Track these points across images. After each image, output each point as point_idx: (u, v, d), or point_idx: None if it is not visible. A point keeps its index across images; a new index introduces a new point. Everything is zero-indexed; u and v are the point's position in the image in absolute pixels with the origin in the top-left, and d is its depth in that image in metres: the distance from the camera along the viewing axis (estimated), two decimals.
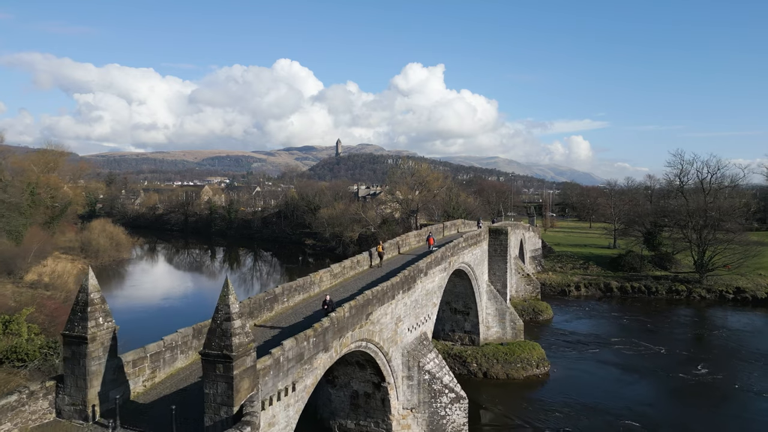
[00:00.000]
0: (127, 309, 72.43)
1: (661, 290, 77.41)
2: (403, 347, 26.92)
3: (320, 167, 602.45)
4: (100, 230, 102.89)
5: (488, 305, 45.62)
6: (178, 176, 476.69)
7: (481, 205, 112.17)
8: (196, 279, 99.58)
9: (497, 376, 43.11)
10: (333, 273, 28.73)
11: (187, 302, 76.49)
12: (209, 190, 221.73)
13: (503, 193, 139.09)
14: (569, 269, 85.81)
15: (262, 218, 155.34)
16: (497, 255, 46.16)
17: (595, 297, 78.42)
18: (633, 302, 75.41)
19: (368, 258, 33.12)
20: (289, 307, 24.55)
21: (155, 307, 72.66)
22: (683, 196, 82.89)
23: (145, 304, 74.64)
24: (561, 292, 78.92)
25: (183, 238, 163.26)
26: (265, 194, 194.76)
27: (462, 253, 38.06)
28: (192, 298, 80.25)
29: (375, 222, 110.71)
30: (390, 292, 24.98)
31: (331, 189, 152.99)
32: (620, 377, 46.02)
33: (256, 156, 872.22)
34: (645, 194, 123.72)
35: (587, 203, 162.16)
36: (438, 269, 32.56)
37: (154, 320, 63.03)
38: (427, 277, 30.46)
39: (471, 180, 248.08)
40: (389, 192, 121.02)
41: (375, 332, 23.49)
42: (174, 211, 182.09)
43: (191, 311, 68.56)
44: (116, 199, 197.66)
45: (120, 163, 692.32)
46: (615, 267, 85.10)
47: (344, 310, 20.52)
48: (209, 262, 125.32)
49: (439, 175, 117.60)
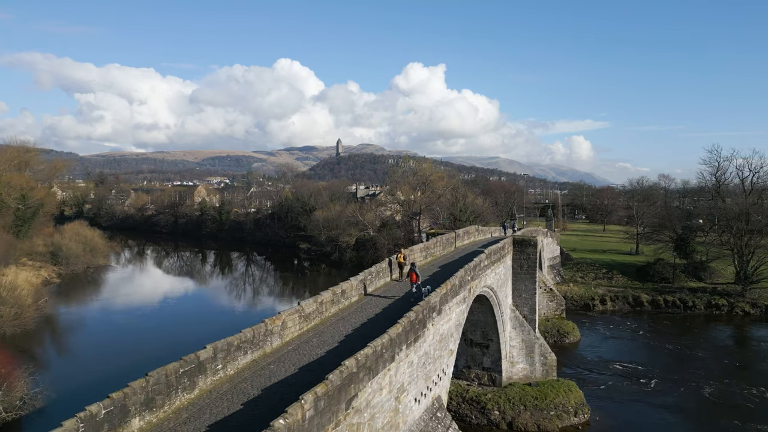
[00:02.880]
0: (85, 331, 63.20)
1: (699, 304, 68.03)
2: (407, 431, 17.76)
3: (320, 167, 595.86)
4: (73, 234, 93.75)
5: (513, 335, 36.36)
6: (177, 176, 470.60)
7: (489, 207, 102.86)
8: (177, 288, 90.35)
9: (526, 427, 33.84)
10: (304, 314, 19.49)
11: (161, 320, 67.20)
12: (203, 190, 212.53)
13: (512, 194, 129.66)
14: (591, 279, 76.45)
15: (254, 220, 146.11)
16: (523, 272, 36.91)
17: (622, 312, 69.12)
18: (666, 318, 66.05)
19: (357, 287, 23.89)
20: (222, 381, 15.38)
21: (119, 327, 63.35)
22: (720, 197, 73.41)
23: (108, 323, 65.35)
24: (584, 306, 69.64)
25: (172, 240, 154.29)
26: (261, 195, 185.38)
27: (484, 274, 28.83)
28: (169, 313, 70.98)
29: (374, 225, 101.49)
30: (387, 352, 15.78)
31: (328, 189, 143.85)
32: (672, 427, 36.85)
33: (256, 156, 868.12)
34: (666, 195, 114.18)
35: (601, 204, 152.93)
36: (455, 302, 23.33)
37: (113, 349, 53.77)
38: (441, 315, 21.24)
39: (474, 180, 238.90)
40: (389, 192, 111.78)
41: (363, 424, 14.31)
42: (164, 212, 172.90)
43: (164, 333, 59.35)
44: (104, 199, 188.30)
45: (120, 163, 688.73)
46: (643, 277, 75.74)
47: (303, 407, 11.34)
48: (195, 268, 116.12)
49: (444, 174, 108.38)
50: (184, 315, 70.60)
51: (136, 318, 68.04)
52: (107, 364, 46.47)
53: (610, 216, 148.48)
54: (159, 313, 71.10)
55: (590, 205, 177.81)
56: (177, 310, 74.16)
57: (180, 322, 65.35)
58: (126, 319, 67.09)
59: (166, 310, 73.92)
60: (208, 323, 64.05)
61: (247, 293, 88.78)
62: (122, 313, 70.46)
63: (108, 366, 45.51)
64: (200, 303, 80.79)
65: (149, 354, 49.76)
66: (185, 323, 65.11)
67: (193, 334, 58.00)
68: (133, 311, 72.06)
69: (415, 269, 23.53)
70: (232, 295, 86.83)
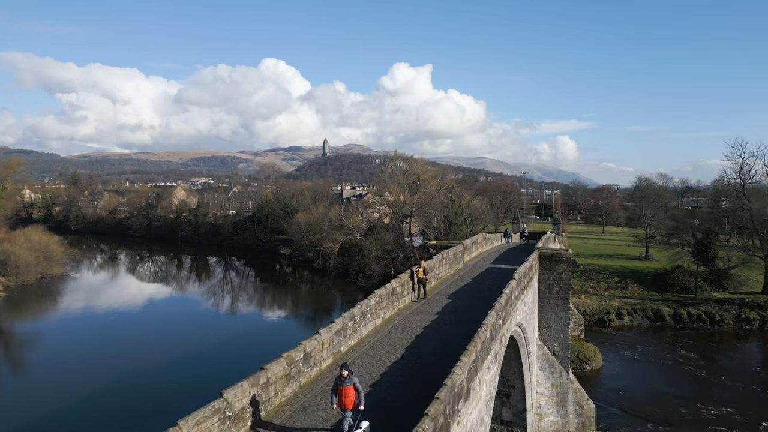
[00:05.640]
0: (31, 349, 54.35)
1: (727, 319, 60.38)
2: None
3: (307, 168, 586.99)
4: (24, 241, 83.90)
5: (540, 379, 28.00)
6: (161, 177, 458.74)
7: (486, 208, 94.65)
8: (143, 298, 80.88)
9: None
10: (229, 412, 10.82)
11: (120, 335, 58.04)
12: (181, 191, 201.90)
13: (508, 194, 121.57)
14: (604, 290, 68.51)
15: (233, 223, 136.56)
16: (553, 297, 28.61)
17: (641, 327, 61.32)
18: (691, 335, 58.29)
19: (330, 343, 15.21)
20: None
21: (67, 345, 54.17)
22: (746, 198, 65.84)
23: (55, 342, 56.08)
24: (599, 321, 61.64)
25: (146, 245, 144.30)
26: (243, 196, 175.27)
27: (515, 309, 20.40)
28: (130, 328, 61.65)
29: (360, 228, 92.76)
30: None
31: (312, 190, 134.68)
32: None
33: (242, 156, 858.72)
34: (682, 195, 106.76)
35: (599, 205, 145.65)
36: (486, 366, 14.84)
37: (54, 373, 44.81)
38: (469, 399, 12.75)
39: (462, 180, 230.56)
40: (377, 193, 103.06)
41: None
42: (137, 214, 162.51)
43: (120, 351, 50.49)
44: (74, 201, 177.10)
45: (102, 163, 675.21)
46: (660, 287, 67.99)
47: None
48: (167, 275, 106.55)
49: (437, 173, 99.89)
50: (149, 329, 61.69)
51: (90, 334, 59.26)
52: (41, 394, 37.84)
53: (609, 217, 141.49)
54: (118, 328, 62.21)
55: (585, 206, 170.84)
56: (141, 323, 65.27)
57: (142, 339, 56.51)
58: (78, 336, 58.27)
59: (129, 323, 64.96)
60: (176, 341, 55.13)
61: (223, 304, 79.90)
62: (75, 329, 61.63)
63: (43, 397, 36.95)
64: (169, 315, 71.63)
65: (99, 375, 41.80)
66: (148, 340, 56.31)
67: (158, 353, 49.89)
68: (88, 326, 63.27)
69: (355, 384, 11.21)
70: (204, 306, 77.85)
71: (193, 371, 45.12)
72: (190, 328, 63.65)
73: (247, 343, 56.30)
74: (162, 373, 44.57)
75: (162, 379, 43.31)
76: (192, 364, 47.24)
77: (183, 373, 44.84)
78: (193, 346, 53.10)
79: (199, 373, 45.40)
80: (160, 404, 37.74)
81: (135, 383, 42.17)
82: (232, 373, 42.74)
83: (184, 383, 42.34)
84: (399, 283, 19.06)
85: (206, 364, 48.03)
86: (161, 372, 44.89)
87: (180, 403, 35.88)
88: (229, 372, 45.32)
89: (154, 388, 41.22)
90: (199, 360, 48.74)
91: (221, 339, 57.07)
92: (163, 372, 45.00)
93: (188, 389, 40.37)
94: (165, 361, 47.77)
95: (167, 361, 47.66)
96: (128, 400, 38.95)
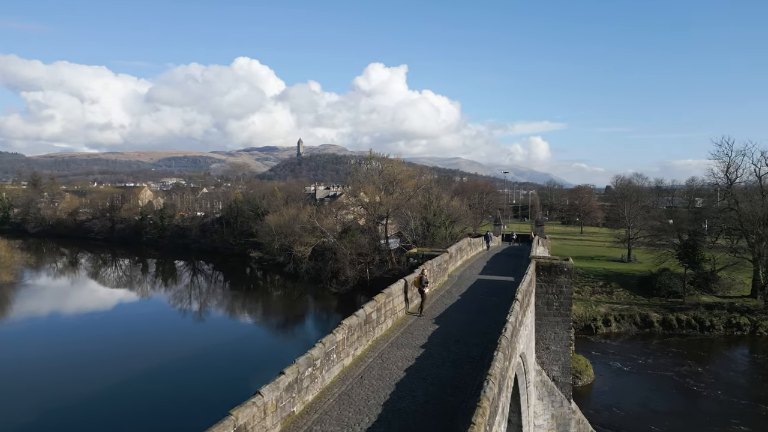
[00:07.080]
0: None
1: (717, 324, 57.79)
2: None
3: (281, 168, 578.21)
4: None
5: (539, 410, 24.09)
6: (131, 178, 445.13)
7: (465, 209, 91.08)
8: (99, 306, 74.97)
9: None
10: None
11: (69, 348, 52.48)
12: (148, 192, 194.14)
13: (486, 195, 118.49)
14: (589, 294, 65.48)
15: (200, 225, 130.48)
16: (552, 313, 24.73)
17: (629, 334, 58.34)
18: (680, 342, 55.50)
19: (274, 408, 10.90)
20: None
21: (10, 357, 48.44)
22: (733, 198, 63.48)
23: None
24: (585, 328, 58.41)
25: (109, 248, 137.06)
26: (213, 197, 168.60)
27: (519, 336, 16.41)
28: (82, 340, 56.05)
29: (334, 231, 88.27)
30: None
31: (284, 190, 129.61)
32: None
33: (215, 156, 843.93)
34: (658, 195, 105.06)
35: (577, 205, 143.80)
36: (497, 421, 10.78)
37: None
38: None
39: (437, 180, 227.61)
40: (352, 194, 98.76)
41: None
42: (100, 216, 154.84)
43: (68, 367, 45.17)
44: (32, 203, 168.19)
45: (69, 163, 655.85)
46: (647, 290, 65.23)
47: None
48: (130, 280, 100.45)
49: (414, 173, 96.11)
50: (102, 339, 56.44)
51: (37, 346, 53.65)
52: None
53: (587, 217, 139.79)
54: (69, 337, 56.89)
55: (561, 206, 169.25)
56: (95, 332, 59.94)
57: (93, 351, 51.35)
58: (19, 348, 52.69)
59: (83, 332, 59.72)
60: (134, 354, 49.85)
61: (189, 310, 74.79)
62: (18, 341, 56.01)
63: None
64: (127, 324, 66.08)
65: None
66: (99, 351, 51.16)
67: (108, 367, 45.14)
68: (34, 337, 57.58)
69: None
70: (169, 313, 72.66)
71: (148, 387, 40.56)
72: (152, 338, 58.37)
73: (214, 353, 51.76)
74: (104, 393, 39.57)
75: (105, 398, 38.43)
76: (149, 380, 42.56)
77: (135, 392, 39.97)
78: (153, 359, 48.18)
79: (154, 387, 40.86)
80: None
81: (74, 402, 37.34)
82: (194, 389, 37.68)
83: (136, 401, 37.87)
84: (374, 308, 14.89)
85: (164, 379, 43.37)
86: (102, 391, 39.90)
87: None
88: (190, 389, 40.75)
89: (92, 408, 36.53)
90: (159, 374, 44.11)
91: (187, 349, 52.28)
92: (106, 391, 39.98)
93: (139, 408, 36.04)
94: (114, 378, 42.72)
95: (116, 379, 42.59)
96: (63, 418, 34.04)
